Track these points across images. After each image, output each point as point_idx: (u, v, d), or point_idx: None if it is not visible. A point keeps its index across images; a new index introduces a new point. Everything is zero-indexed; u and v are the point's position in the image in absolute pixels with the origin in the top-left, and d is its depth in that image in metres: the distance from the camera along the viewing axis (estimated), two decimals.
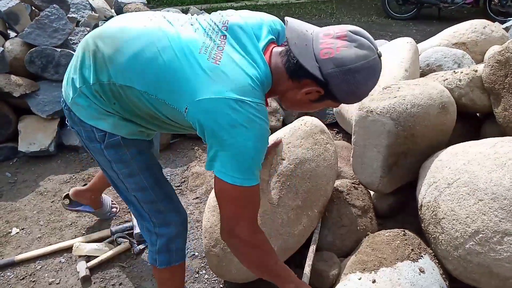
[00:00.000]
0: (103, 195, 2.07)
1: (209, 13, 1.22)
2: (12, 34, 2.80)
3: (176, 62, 1.02)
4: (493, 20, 3.24)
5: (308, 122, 1.75)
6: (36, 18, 2.71)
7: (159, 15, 1.15)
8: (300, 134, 1.68)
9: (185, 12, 4.54)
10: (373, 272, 1.47)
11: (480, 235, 1.33)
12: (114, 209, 2.17)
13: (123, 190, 1.28)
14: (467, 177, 1.43)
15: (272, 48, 1.11)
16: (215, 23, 1.11)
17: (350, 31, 1.02)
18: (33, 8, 2.94)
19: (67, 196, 1.99)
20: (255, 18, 1.15)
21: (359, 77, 1.01)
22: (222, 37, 1.07)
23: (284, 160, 1.57)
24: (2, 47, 2.60)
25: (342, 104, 1.14)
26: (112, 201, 2.19)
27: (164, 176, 1.34)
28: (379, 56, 1.04)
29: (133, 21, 1.13)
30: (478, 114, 2.19)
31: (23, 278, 1.78)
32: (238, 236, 1.10)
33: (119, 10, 3.80)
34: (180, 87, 1.02)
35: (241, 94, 1.00)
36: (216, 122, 0.99)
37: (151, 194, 1.25)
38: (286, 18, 1.08)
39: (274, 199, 1.52)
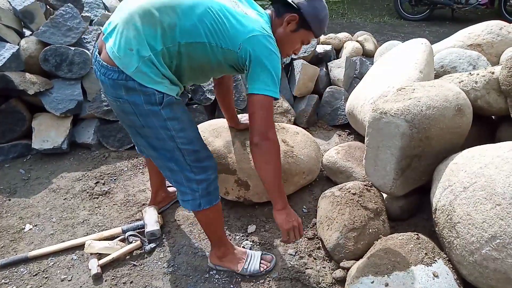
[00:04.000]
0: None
1: None
2: (27, 32, 2.83)
3: (229, 16, 1.39)
4: (509, 21, 3.17)
5: None
6: (51, 17, 2.74)
7: None
8: None
9: None
10: (386, 275, 1.45)
11: (497, 241, 1.30)
12: None
13: (171, 149, 1.49)
14: (484, 181, 1.41)
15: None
16: None
17: None
18: (48, 7, 2.97)
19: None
20: None
21: (316, 3, 1.51)
22: (237, 1, 1.51)
23: None
24: (18, 45, 2.64)
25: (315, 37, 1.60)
26: None
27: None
28: None
29: None
30: (493, 116, 2.15)
31: (36, 274, 1.80)
32: (269, 138, 1.45)
33: None
34: (231, 32, 1.38)
35: (267, 31, 1.44)
36: (261, 51, 1.39)
37: (196, 144, 1.53)
38: None
39: None
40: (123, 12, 1.37)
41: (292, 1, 1.50)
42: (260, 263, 1.79)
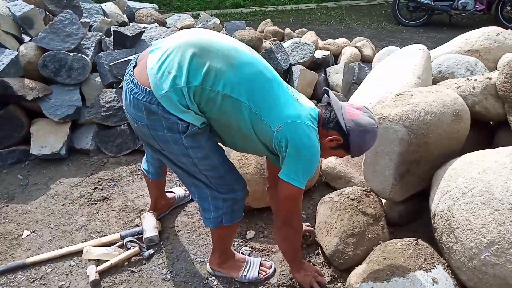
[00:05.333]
0: (172, 189, 2.30)
1: (220, 19, 1.50)
2: (26, 38, 2.84)
3: (278, 91, 1.38)
4: (506, 27, 3.20)
5: None
6: (50, 23, 2.75)
7: (242, 44, 1.45)
8: None
9: (196, 17, 4.56)
10: (385, 281, 1.45)
11: (496, 246, 1.30)
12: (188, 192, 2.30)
13: (194, 172, 1.47)
14: (482, 186, 1.41)
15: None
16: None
17: (364, 107, 1.49)
18: (47, 13, 2.98)
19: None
20: None
21: (368, 136, 1.44)
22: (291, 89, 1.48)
23: None
24: (17, 51, 2.64)
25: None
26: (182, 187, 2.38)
27: (225, 154, 1.56)
28: (378, 128, 1.50)
29: (236, 44, 1.40)
30: (491, 122, 2.16)
31: (33, 281, 1.79)
32: (292, 226, 1.54)
33: (131, 15, 3.84)
34: (279, 110, 1.35)
35: (312, 124, 1.41)
36: (301, 140, 1.35)
37: (220, 170, 1.48)
38: (326, 88, 1.56)
39: None
40: (180, 38, 1.34)
41: (344, 123, 1.41)
42: (260, 269, 1.78)
